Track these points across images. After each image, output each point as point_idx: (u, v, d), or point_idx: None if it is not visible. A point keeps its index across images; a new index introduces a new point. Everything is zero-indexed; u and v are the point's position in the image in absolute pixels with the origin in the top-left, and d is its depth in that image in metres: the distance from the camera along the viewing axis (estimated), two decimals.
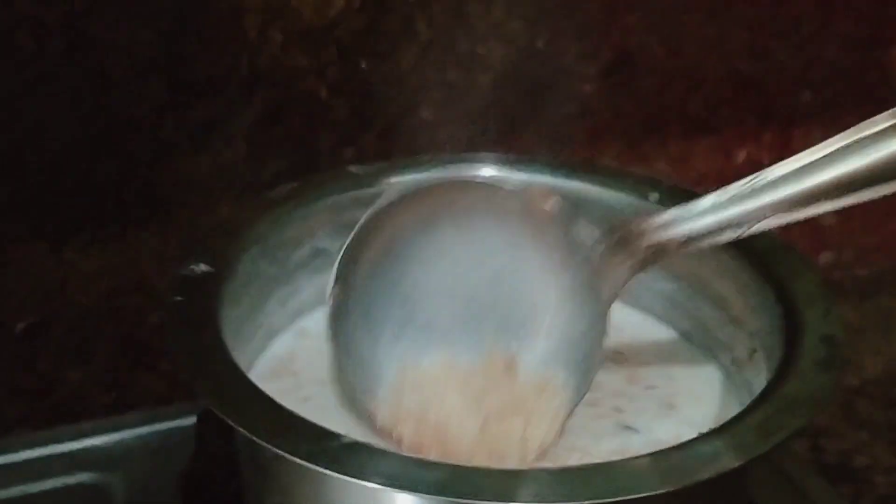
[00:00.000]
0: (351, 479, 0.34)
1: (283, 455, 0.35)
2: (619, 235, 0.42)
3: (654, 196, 0.50)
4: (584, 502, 0.34)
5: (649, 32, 0.68)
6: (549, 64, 0.66)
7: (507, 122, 0.66)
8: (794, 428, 0.37)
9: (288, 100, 0.61)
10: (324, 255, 0.49)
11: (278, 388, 0.45)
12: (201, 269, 0.44)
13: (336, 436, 0.36)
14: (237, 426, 0.37)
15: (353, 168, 0.52)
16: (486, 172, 0.52)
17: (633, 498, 0.34)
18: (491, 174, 0.52)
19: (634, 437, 0.44)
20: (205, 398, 0.38)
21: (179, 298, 0.43)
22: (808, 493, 0.53)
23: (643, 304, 0.51)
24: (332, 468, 0.35)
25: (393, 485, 0.34)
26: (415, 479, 0.35)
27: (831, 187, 0.38)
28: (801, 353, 0.41)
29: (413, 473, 0.35)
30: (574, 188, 0.52)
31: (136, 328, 0.62)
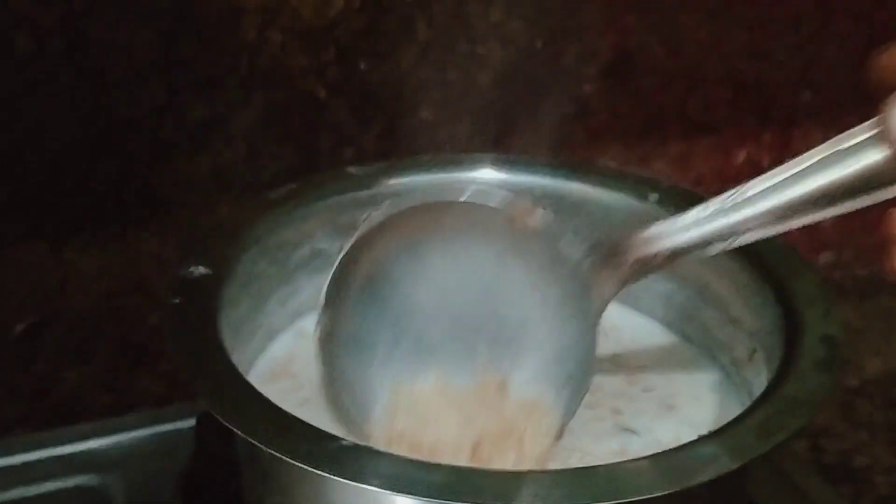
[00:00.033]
0: (350, 482, 0.34)
1: (281, 457, 0.35)
2: (605, 250, 0.42)
3: (653, 197, 0.50)
4: None
5: (649, 32, 0.67)
6: (548, 64, 0.66)
7: (507, 122, 0.66)
8: (793, 428, 0.37)
9: (287, 100, 0.61)
10: (323, 255, 0.49)
11: (277, 389, 0.45)
12: (200, 271, 0.44)
13: (335, 438, 0.36)
14: (236, 429, 0.37)
15: (352, 169, 0.52)
16: (485, 173, 0.52)
17: (633, 499, 0.34)
18: (490, 174, 0.52)
19: (634, 439, 0.44)
20: (204, 401, 0.38)
21: (178, 300, 0.43)
22: (808, 493, 0.53)
23: (642, 305, 0.51)
24: (330, 471, 0.35)
25: (392, 487, 0.34)
26: (414, 481, 0.35)
27: (812, 199, 0.38)
28: (801, 354, 0.41)
29: (412, 476, 0.35)
30: (573, 189, 0.52)
31: (136, 329, 0.62)
